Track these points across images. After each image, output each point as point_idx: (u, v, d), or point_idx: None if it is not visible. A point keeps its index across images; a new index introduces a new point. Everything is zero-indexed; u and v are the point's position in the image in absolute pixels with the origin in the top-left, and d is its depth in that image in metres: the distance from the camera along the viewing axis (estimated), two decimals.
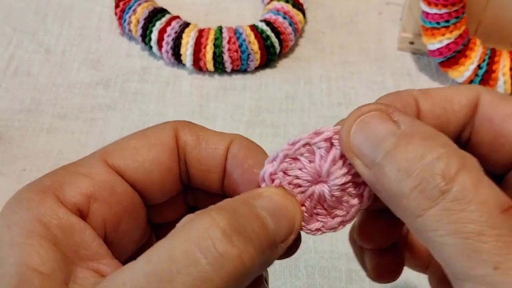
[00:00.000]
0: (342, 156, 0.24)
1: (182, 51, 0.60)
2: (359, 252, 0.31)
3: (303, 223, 0.24)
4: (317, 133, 0.24)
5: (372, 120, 0.22)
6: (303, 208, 0.25)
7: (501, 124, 0.23)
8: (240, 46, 0.60)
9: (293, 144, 0.24)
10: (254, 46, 0.60)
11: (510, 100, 0.24)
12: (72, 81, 0.61)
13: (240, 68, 0.61)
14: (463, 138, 0.25)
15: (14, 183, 0.52)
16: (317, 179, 0.24)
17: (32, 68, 0.62)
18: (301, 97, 0.60)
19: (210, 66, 0.60)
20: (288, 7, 0.63)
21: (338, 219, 0.25)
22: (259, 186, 0.24)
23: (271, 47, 0.61)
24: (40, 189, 0.22)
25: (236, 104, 0.59)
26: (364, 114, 0.22)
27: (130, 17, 0.62)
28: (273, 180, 0.24)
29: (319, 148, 0.24)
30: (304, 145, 0.24)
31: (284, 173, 0.24)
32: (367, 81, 0.62)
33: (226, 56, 0.60)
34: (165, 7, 0.64)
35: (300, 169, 0.24)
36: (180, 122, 0.26)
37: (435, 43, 0.57)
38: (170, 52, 0.61)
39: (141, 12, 0.62)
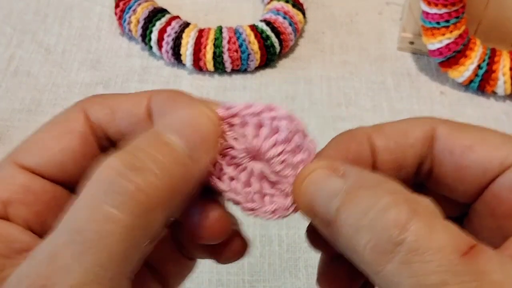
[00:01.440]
0: (273, 130, 0.23)
1: (182, 51, 0.60)
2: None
3: (257, 208, 0.24)
4: (249, 105, 0.23)
5: (318, 179, 0.22)
6: (251, 188, 0.24)
7: (462, 156, 0.23)
8: (240, 46, 0.60)
9: (227, 108, 0.23)
10: (254, 46, 0.60)
11: (467, 130, 0.23)
12: (72, 81, 0.61)
13: (240, 68, 0.61)
14: (424, 171, 0.24)
15: None
16: (251, 155, 0.24)
17: (32, 68, 0.62)
18: (301, 97, 0.60)
19: (210, 66, 0.60)
20: (288, 7, 0.63)
21: (291, 198, 0.24)
22: None
23: (271, 47, 0.61)
24: None
25: None
26: (310, 173, 0.22)
27: (130, 17, 0.63)
28: (213, 165, 0.23)
29: (249, 123, 0.23)
30: (235, 115, 0.23)
31: (220, 154, 0.23)
32: (367, 81, 0.62)
33: (226, 56, 0.60)
34: (165, 7, 0.64)
35: (231, 148, 0.23)
36: (88, 99, 0.25)
37: (435, 43, 0.57)
38: (170, 52, 0.61)
39: (141, 12, 0.62)
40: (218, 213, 0.24)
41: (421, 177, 0.22)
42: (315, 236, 0.26)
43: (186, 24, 0.62)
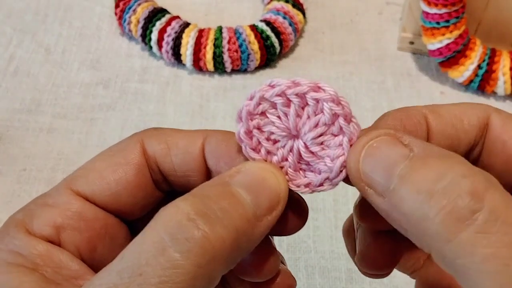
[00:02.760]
0: (316, 111, 0.23)
1: (182, 51, 0.60)
2: (350, 239, 0.30)
3: (288, 179, 0.24)
4: (295, 84, 0.23)
5: (381, 145, 0.21)
6: (287, 163, 0.24)
7: None
8: (240, 46, 0.60)
9: (272, 86, 0.23)
10: (254, 46, 0.60)
11: None
12: (72, 81, 0.61)
13: (240, 68, 0.61)
14: (471, 158, 0.24)
15: (14, 183, 0.52)
16: (292, 133, 0.24)
17: (32, 68, 0.62)
18: None
19: (210, 66, 0.60)
20: (288, 7, 0.63)
21: (323, 176, 0.23)
22: None
23: (271, 47, 0.61)
24: (14, 224, 0.22)
25: (236, 104, 0.59)
26: (372, 139, 0.21)
27: (130, 17, 0.63)
28: (251, 138, 0.23)
29: (293, 102, 0.23)
30: (279, 94, 0.23)
31: (259, 129, 0.24)
32: (367, 81, 0.62)
33: (226, 56, 0.60)
34: (165, 7, 0.64)
35: (272, 124, 0.23)
36: (146, 131, 0.25)
37: (435, 43, 0.57)
38: (170, 52, 0.61)
39: (141, 12, 0.62)
40: (268, 251, 0.24)
41: None
42: (365, 209, 0.26)
43: (186, 24, 0.62)
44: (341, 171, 0.23)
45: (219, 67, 0.60)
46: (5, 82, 0.61)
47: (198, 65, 0.61)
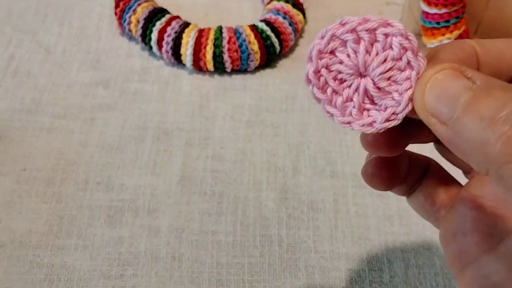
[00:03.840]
0: (385, 46, 0.24)
1: (182, 51, 0.60)
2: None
3: (353, 121, 0.24)
4: (365, 20, 0.23)
5: (446, 78, 0.22)
6: (351, 103, 0.24)
7: None
8: (240, 46, 0.60)
9: (343, 24, 0.24)
10: (254, 46, 0.60)
11: None
12: (72, 81, 0.61)
13: (240, 68, 0.61)
14: None
15: (14, 183, 0.52)
16: (359, 72, 0.24)
17: (32, 68, 0.62)
18: (301, 97, 0.60)
19: (210, 66, 0.60)
20: (288, 7, 0.63)
21: (390, 110, 0.24)
22: None
23: (271, 47, 0.61)
24: None
25: (236, 104, 0.59)
26: (437, 72, 0.22)
27: (130, 17, 0.63)
28: (318, 78, 0.25)
29: (363, 39, 0.24)
30: (350, 31, 0.24)
31: (327, 69, 0.24)
32: None
33: (226, 56, 0.60)
34: (165, 7, 0.64)
35: (340, 63, 0.24)
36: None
37: (435, 43, 0.57)
38: (170, 52, 0.61)
39: (141, 12, 0.62)
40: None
41: None
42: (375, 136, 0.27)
43: (186, 24, 0.62)
44: (407, 104, 0.24)
45: (219, 67, 0.61)
46: (4, 82, 0.61)
47: (198, 65, 0.61)
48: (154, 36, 0.61)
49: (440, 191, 0.31)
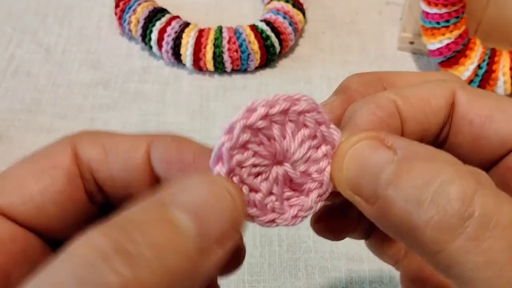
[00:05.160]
0: (298, 126, 0.21)
1: (182, 51, 0.60)
2: None
3: (277, 217, 0.21)
4: (274, 101, 0.20)
5: (364, 150, 0.20)
6: (273, 197, 0.21)
7: (481, 126, 0.22)
8: (240, 46, 0.60)
9: (252, 111, 0.20)
10: (254, 46, 0.60)
11: (487, 98, 0.22)
12: (72, 81, 0.61)
13: (240, 68, 0.61)
14: (440, 139, 0.23)
15: None
16: (275, 159, 0.21)
17: (32, 68, 0.62)
18: None
19: (210, 66, 0.60)
20: (288, 7, 0.63)
21: (314, 194, 0.21)
22: None
23: (271, 47, 0.61)
24: None
25: (236, 104, 0.59)
26: (354, 144, 0.20)
27: (130, 17, 0.62)
28: (232, 179, 0.20)
29: (276, 123, 0.20)
30: (262, 118, 0.20)
31: (240, 166, 0.20)
32: None
33: (226, 56, 0.60)
34: (165, 7, 0.64)
35: (253, 156, 0.20)
36: (80, 133, 0.21)
37: (435, 43, 0.57)
38: (170, 52, 0.61)
39: (141, 12, 0.62)
40: None
41: (436, 146, 0.20)
42: (322, 223, 0.25)
43: (186, 24, 0.62)
44: (330, 182, 0.21)
45: (219, 67, 0.60)
46: (5, 82, 0.61)
47: (198, 65, 0.61)
48: (154, 36, 0.61)
49: None
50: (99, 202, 0.21)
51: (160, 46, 0.61)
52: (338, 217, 0.27)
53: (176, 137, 0.21)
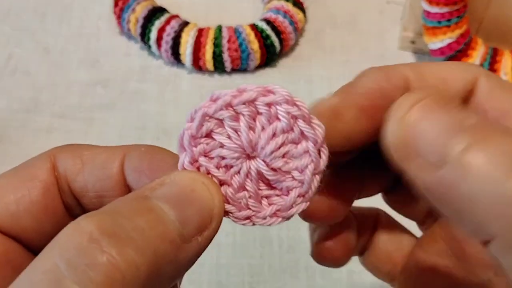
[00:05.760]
0: (270, 118, 0.20)
1: (182, 50, 0.60)
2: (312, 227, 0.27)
3: (253, 214, 0.20)
4: (240, 91, 0.19)
5: (435, 105, 0.17)
6: (246, 193, 0.20)
7: (497, 120, 0.20)
8: (240, 45, 0.59)
9: (215, 100, 0.19)
10: (254, 45, 0.59)
11: (509, 92, 0.20)
12: (71, 81, 0.61)
13: (240, 68, 0.61)
14: None
15: None
16: (246, 153, 0.20)
17: (31, 67, 0.62)
18: (302, 97, 0.59)
19: (209, 65, 0.60)
20: (289, 6, 0.63)
21: (294, 193, 0.20)
22: None
23: (271, 47, 0.60)
24: None
25: None
26: (415, 104, 0.17)
27: (129, 16, 0.62)
28: (198, 168, 0.20)
29: (243, 114, 0.19)
30: (225, 107, 0.19)
31: (206, 156, 0.20)
32: None
33: (226, 56, 0.59)
34: (164, 6, 0.64)
35: (221, 147, 0.20)
36: (61, 147, 0.22)
37: (437, 42, 0.57)
38: (170, 51, 0.60)
39: (140, 11, 0.62)
40: None
41: None
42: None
43: (186, 23, 0.61)
44: (312, 182, 0.20)
45: (218, 67, 0.60)
46: (3, 82, 0.60)
47: (197, 65, 0.60)
48: (153, 35, 0.61)
49: (392, 249, 0.27)
50: (76, 214, 0.21)
51: (159, 45, 0.61)
52: (341, 242, 0.25)
53: (150, 147, 0.21)
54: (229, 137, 0.20)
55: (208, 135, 0.20)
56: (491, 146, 0.16)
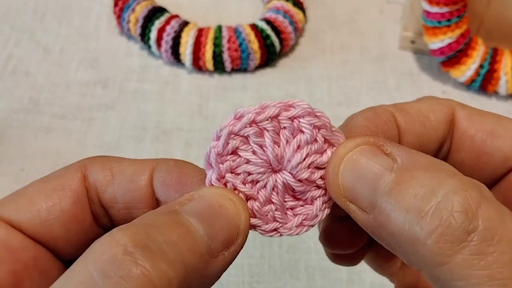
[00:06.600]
0: (294, 131, 0.21)
1: (182, 50, 0.60)
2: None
3: (280, 226, 0.21)
4: (263, 108, 0.20)
5: (362, 156, 0.19)
6: (272, 206, 0.21)
7: (483, 142, 0.22)
8: (240, 45, 0.59)
9: (239, 118, 0.20)
10: (254, 45, 0.59)
11: (486, 115, 0.22)
12: (70, 81, 0.61)
13: (240, 68, 0.61)
14: (440, 155, 0.23)
15: (12, 183, 0.51)
16: (271, 167, 0.21)
17: (30, 68, 0.62)
18: (302, 97, 0.59)
19: (209, 65, 0.60)
20: (289, 6, 0.63)
21: (319, 202, 0.21)
22: None
23: (271, 46, 0.60)
24: None
25: (236, 103, 0.59)
26: (351, 150, 0.19)
27: (129, 16, 0.62)
28: (225, 185, 0.21)
29: (267, 130, 0.20)
30: (249, 124, 0.20)
31: (232, 172, 0.21)
32: (368, 81, 0.61)
33: (225, 56, 0.59)
34: (164, 6, 0.64)
35: (247, 163, 0.21)
36: (91, 158, 0.23)
37: (437, 42, 0.57)
38: (170, 51, 0.60)
39: (140, 11, 0.62)
40: None
41: None
42: (331, 236, 0.25)
43: (186, 23, 0.61)
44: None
45: (218, 67, 0.60)
46: (3, 82, 0.60)
47: (197, 64, 0.60)
48: (153, 35, 0.60)
49: None
50: (105, 225, 0.23)
51: (159, 45, 0.61)
52: (348, 230, 0.26)
53: (178, 162, 0.22)
54: (254, 152, 0.20)
55: (234, 152, 0.21)
56: (407, 191, 0.17)
